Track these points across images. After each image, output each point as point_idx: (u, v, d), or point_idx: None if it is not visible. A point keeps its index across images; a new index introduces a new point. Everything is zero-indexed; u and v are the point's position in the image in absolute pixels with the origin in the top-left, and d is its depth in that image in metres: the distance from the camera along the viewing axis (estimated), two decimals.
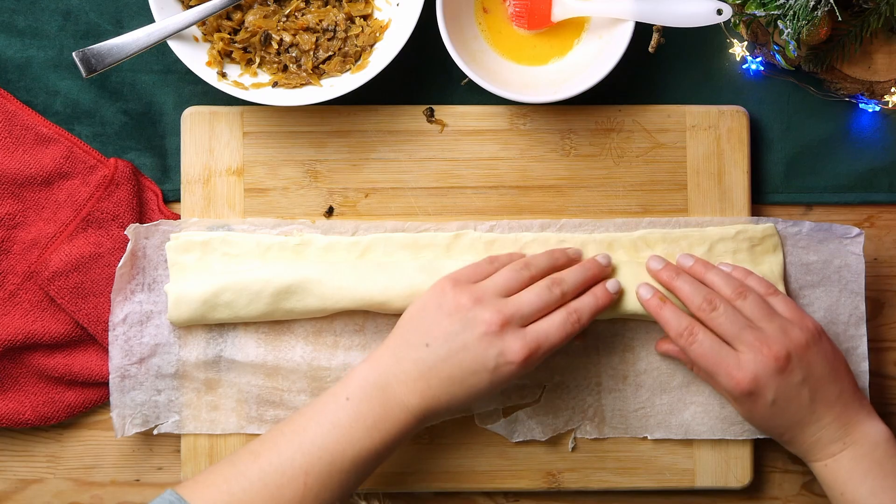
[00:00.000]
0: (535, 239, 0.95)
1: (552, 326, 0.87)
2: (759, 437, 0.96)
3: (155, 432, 0.96)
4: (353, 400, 0.85)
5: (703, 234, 0.95)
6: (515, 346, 0.85)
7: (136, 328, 0.95)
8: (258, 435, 0.95)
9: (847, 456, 0.88)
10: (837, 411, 0.88)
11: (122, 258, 0.94)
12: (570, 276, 0.90)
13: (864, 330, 0.97)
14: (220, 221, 0.96)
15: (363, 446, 0.83)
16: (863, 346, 0.97)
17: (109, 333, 0.95)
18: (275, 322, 0.96)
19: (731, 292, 0.90)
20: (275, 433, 0.85)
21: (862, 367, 0.97)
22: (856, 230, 0.97)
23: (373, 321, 0.96)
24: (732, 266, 0.93)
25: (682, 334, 0.89)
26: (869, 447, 0.88)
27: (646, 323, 0.96)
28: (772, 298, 0.91)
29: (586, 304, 0.90)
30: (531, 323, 0.87)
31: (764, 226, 0.96)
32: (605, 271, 0.93)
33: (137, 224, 0.96)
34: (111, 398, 0.95)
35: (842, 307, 0.97)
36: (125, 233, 0.95)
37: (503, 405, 0.97)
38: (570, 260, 0.93)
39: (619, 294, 0.92)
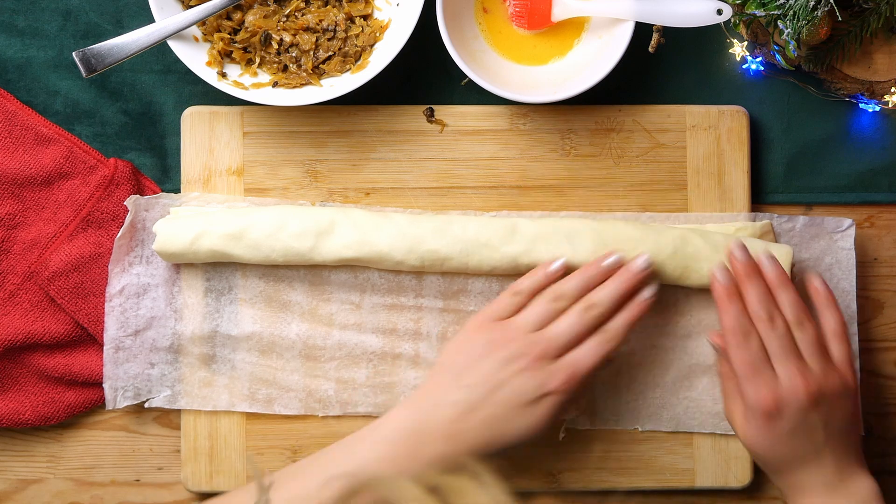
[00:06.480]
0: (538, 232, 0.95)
1: (587, 353, 0.87)
2: None
3: (146, 405, 0.96)
4: (384, 442, 0.85)
5: (702, 230, 0.95)
6: (553, 378, 0.86)
7: (132, 300, 0.95)
8: (249, 413, 0.97)
9: None
10: (842, 464, 0.88)
11: (122, 229, 0.95)
12: (604, 296, 0.89)
13: (854, 328, 0.97)
14: (222, 197, 0.96)
15: None
16: (854, 345, 0.97)
17: (106, 304, 0.95)
18: (272, 298, 0.96)
19: (793, 318, 0.89)
20: (309, 462, 0.86)
21: (853, 365, 0.96)
22: (847, 222, 0.97)
23: (370, 297, 0.96)
24: (825, 288, 0.91)
25: (735, 333, 0.89)
26: (858, 501, 0.88)
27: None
28: (834, 340, 0.90)
29: (619, 323, 0.89)
30: (566, 350, 0.88)
31: (762, 223, 0.96)
32: (641, 279, 0.90)
33: (137, 196, 0.96)
34: (104, 369, 0.95)
35: None
36: (125, 203, 0.95)
37: None
38: (605, 274, 0.90)
39: (654, 298, 0.91)
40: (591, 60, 0.96)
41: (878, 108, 0.98)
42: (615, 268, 0.90)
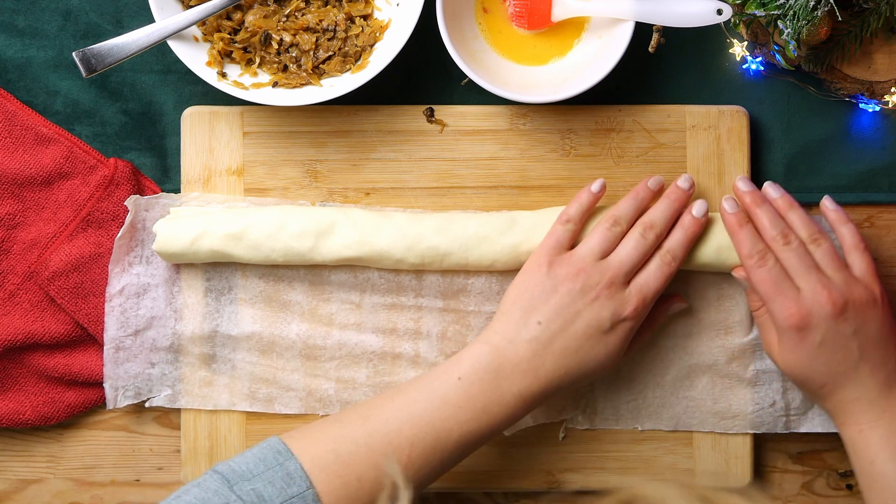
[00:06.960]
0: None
1: (652, 274, 0.90)
2: (749, 431, 0.96)
3: (147, 405, 0.96)
4: (464, 380, 0.86)
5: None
6: (626, 304, 0.88)
7: (132, 300, 0.96)
8: (249, 413, 0.96)
9: (884, 425, 0.87)
10: (882, 377, 0.88)
11: (122, 229, 0.95)
12: (659, 215, 0.91)
13: None
14: (222, 197, 0.96)
15: (470, 428, 0.85)
16: None
17: (106, 304, 0.95)
18: (272, 298, 0.96)
19: (807, 235, 0.90)
20: (384, 400, 0.86)
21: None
22: None
23: (370, 297, 0.96)
24: (836, 206, 0.93)
25: (752, 256, 0.89)
26: None
27: None
28: (854, 253, 0.91)
29: (677, 241, 0.91)
30: (633, 275, 0.90)
31: None
32: (689, 195, 0.93)
33: (137, 196, 0.96)
34: (105, 369, 0.95)
35: None
36: (125, 203, 0.95)
37: None
38: (654, 194, 0.93)
39: (707, 216, 0.92)
40: (591, 60, 0.96)
41: (878, 108, 0.98)
42: (661, 189, 0.93)
